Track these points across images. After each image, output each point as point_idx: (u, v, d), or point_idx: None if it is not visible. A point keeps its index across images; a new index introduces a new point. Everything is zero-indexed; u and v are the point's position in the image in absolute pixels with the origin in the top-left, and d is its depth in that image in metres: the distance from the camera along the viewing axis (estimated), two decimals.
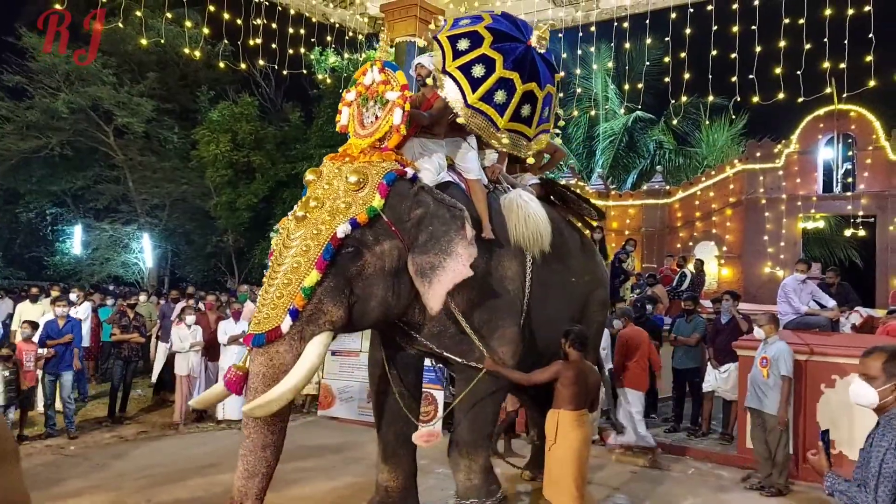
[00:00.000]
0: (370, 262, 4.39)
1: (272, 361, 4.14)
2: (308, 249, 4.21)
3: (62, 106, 18.71)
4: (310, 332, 4.21)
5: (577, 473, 4.92)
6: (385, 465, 5.30)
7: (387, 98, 4.72)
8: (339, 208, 4.34)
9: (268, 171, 17.54)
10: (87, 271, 21.48)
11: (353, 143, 4.83)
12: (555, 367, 5.03)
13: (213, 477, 6.86)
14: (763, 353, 7.04)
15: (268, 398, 4.01)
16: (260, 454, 4.18)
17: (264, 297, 4.25)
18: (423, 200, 4.62)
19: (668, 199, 18.50)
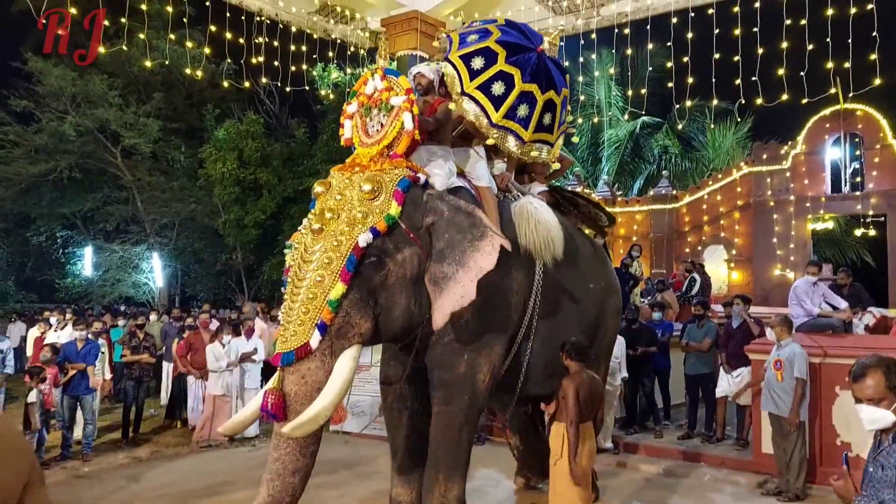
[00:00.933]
0: (393, 270, 4.33)
1: (304, 379, 4.03)
2: (330, 262, 4.12)
3: (70, 129, 18.86)
4: (339, 346, 4.12)
5: (583, 488, 4.87)
6: (398, 479, 5.21)
7: (391, 104, 4.64)
8: (357, 218, 4.25)
9: (275, 188, 17.61)
10: (98, 293, 21.58)
11: (360, 152, 4.76)
12: (570, 389, 4.88)
13: (227, 495, 6.86)
14: (776, 355, 6.99)
15: (305, 418, 3.90)
16: (289, 479, 4.01)
17: (289, 313, 4.13)
18: (436, 207, 4.55)
19: (676, 204, 18.43)
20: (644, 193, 20.17)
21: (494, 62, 5.18)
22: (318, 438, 4.16)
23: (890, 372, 2.66)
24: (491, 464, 7.47)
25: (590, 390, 4.99)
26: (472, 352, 4.80)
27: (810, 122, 16.43)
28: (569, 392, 4.87)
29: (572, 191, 7.03)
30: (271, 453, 4.08)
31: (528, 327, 5.21)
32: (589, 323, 5.98)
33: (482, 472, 7.36)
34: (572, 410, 4.84)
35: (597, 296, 6.08)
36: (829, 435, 7.10)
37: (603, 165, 21.78)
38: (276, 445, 4.06)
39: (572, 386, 4.88)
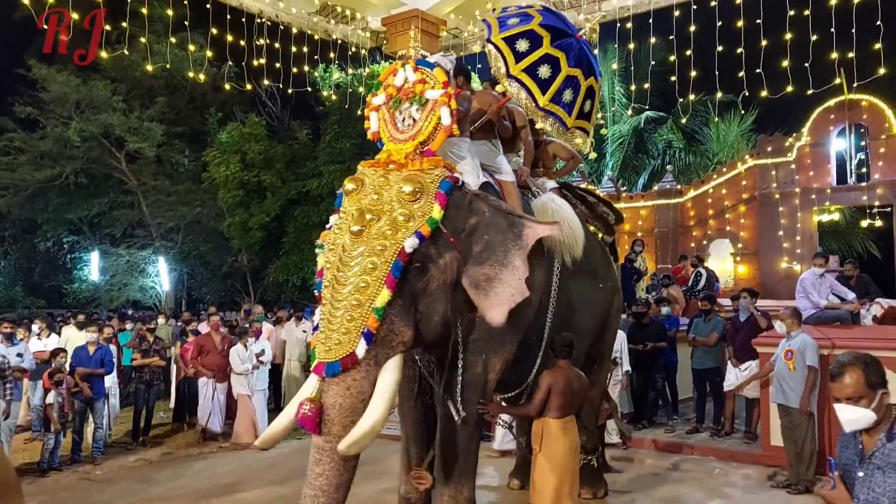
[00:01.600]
0: (434, 276, 4.16)
1: (350, 391, 3.85)
2: (375, 267, 3.93)
3: (74, 134, 18.93)
4: (384, 355, 3.95)
5: (560, 482, 4.85)
6: (409, 478, 5.09)
7: (426, 97, 4.40)
8: (399, 221, 4.05)
9: (278, 190, 17.62)
10: (105, 297, 21.67)
11: (390, 148, 4.51)
12: (546, 382, 4.93)
13: (236, 495, 6.88)
14: (787, 346, 6.99)
15: (360, 433, 3.72)
16: (333, 495, 3.84)
17: (331, 320, 3.92)
18: (478, 208, 4.41)
19: (680, 199, 18.37)
20: (648, 188, 20.12)
21: (540, 45, 5.07)
22: (360, 453, 3.94)
23: (868, 369, 2.58)
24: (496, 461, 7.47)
25: (572, 386, 4.98)
26: (490, 352, 4.73)
27: (815, 114, 16.36)
28: (542, 384, 4.91)
29: (582, 188, 6.99)
30: (312, 468, 3.88)
31: (547, 327, 5.19)
32: (597, 322, 5.98)
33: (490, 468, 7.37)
34: (537, 398, 4.89)
35: (605, 295, 6.08)
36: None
37: (607, 161, 21.73)
38: (319, 461, 3.87)
39: (550, 379, 4.91)
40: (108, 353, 8.86)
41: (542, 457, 4.87)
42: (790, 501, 6.59)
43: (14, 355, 7.63)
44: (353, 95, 14.08)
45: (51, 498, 7.00)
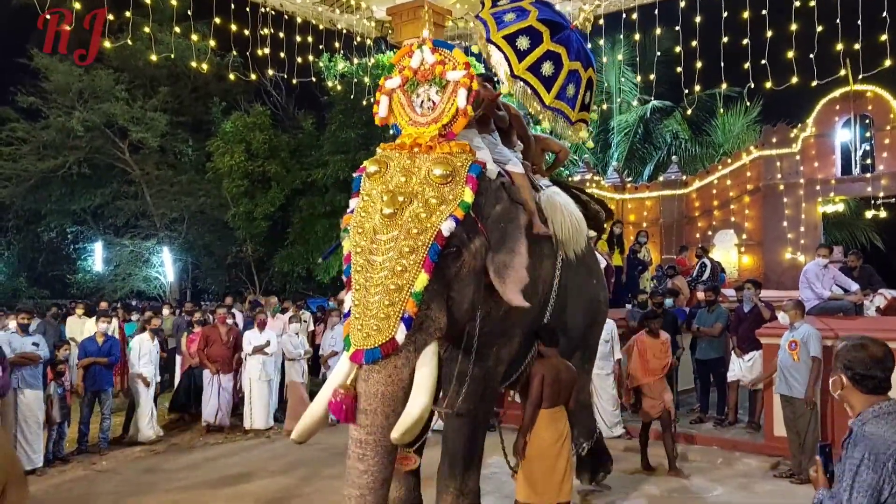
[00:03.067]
0: (467, 261, 4.07)
1: (391, 378, 3.71)
2: (412, 250, 3.80)
3: (77, 124, 18.92)
4: (422, 341, 3.83)
5: (548, 472, 4.88)
6: None
7: (447, 79, 4.28)
8: (432, 204, 3.94)
9: (283, 180, 17.61)
10: (109, 287, 21.69)
11: (410, 131, 4.35)
12: (538, 372, 4.97)
13: (242, 487, 6.92)
14: (791, 336, 7.01)
15: (410, 421, 3.59)
16: (380, 492, 3.71)
17: (366, 305, 3.78)
18: (502, 196, 4.36)
19: (685, 190, 18.33)
20: (654, 179, 20.08)
21: (541, 41, 5.01)
22: (397, 447, 3.84)
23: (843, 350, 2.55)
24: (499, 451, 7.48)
25: (560, 376, 5.00)
26: (499, 345, 4.72)
27: (820, 105, 16.29)
28: (535, 377, 4.95)
29: (574, 185, 6.99)
30: (355, 465, 3.70)
31: (547, 319, 5.20)
32: (591, 316, 6.02)
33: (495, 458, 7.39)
34: (535, 392, 4.92)
35: (597, 289, 6.12)
36: (842, 417, 7.07)
37: (612, 152, 21.67)
38: (362, 456, 3.69)
39: (541, 370, 4.95)
40: (116, 344, 8.89)
41: (529, 447, 4.90)
42: (792, 491, 6.61)
43: (30, 345, 7.64)
44: (358, 85, 14.04)
45: (56, 489, 7.04)
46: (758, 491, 6.65)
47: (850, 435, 2.46)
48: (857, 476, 2.30)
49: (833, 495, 2.46)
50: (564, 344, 5.32)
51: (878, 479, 2.27)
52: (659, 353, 7.17)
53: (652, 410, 7.12)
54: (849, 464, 2.35)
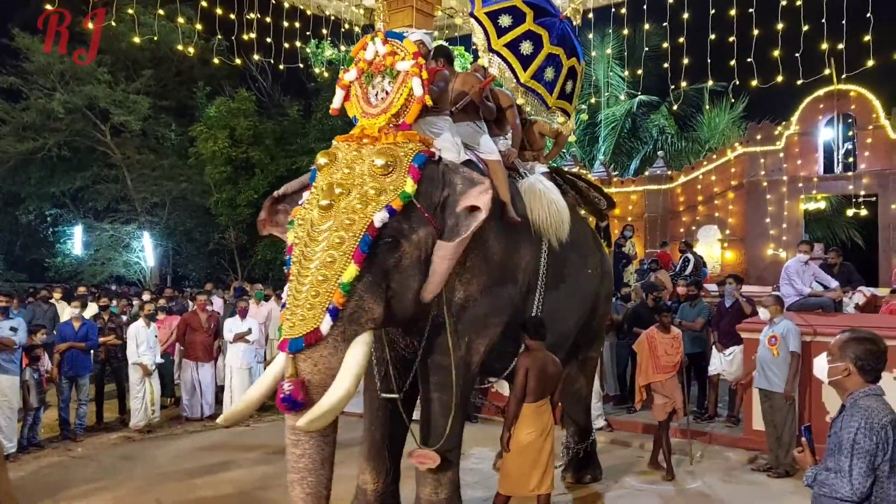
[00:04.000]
0: (407, 252, 4.06)
1: (317, 367, 3.77)
2: (342, 241, 3.84)
3: (58, 106, 18.66)
4: (352, 331, 3.86)
5: (532, 465, 4.87)
6: (368, 465, 4.98)
7: (397, 69, 4.31)
8: (370, 195, 3.96)
9: (267, 167, 17.46)
10: (88, 272, 21.43)
11: (363, 123, 4.41)
12: (523, 365, 4.90)
13: (221, 475, 6.88)
14: (771, 332, 7.09)
15: (322, 409, 3.65)
16: (320, 472, 3.80)
17: (296, 296, 3.84)
18: (450, 180, 4.30)
19: (671, 185, 18.44)
20: (640, 174, 20.16)
21: (523, 21, 5.02)
22: (336, 426, 3.93)
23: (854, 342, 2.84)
24: (483, 442, 7.51)
25: (547, 370, 4.97)
26: (473, 333, 4.66)
27: (804, 103, 16.43)
28: (520, 369, 4.90)
29: (573, 172, 6.97)
30: (292, 451, 3.82)
31: (535, 309, 5.15)
32: (587, 307, 5.95)
33: (476, 450, 7.42)
34: (520, 385, 4.87)
35: (595, 280, 6.06)
36: (819, 412, 7.16)
37: (599, 145, 21.73)
38: (296, 442, 3.81)
39: (526, 363, 4.90)
40: (93, 328, 8.78)
41: (513, 440, 4.88)
42: (769, 485, 6.69)
43: (7, 329, 7.50)
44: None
45: (32, 476, 6.95)
46: (736, 484, 6.72)
47: (843, 410, 2.73)
48: (856, 444, 2.55)
49: (828, 467, 2.67)
50: (557, 336, 5.27)
51: (874, 446, 2.53)
52: (671, 349, 6.93)
53: (663, 409, 6.93)
54: (846, 433, 2.60)
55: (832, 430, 2.73)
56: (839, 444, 2.62)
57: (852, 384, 2.75)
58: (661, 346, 6.95)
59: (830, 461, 2.66)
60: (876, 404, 2.62)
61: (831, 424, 2.77)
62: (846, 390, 2.78)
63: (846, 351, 2.80)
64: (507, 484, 4.98)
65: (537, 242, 5.11)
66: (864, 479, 2.50)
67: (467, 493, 4.97)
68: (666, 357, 6.91)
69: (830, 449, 2.70)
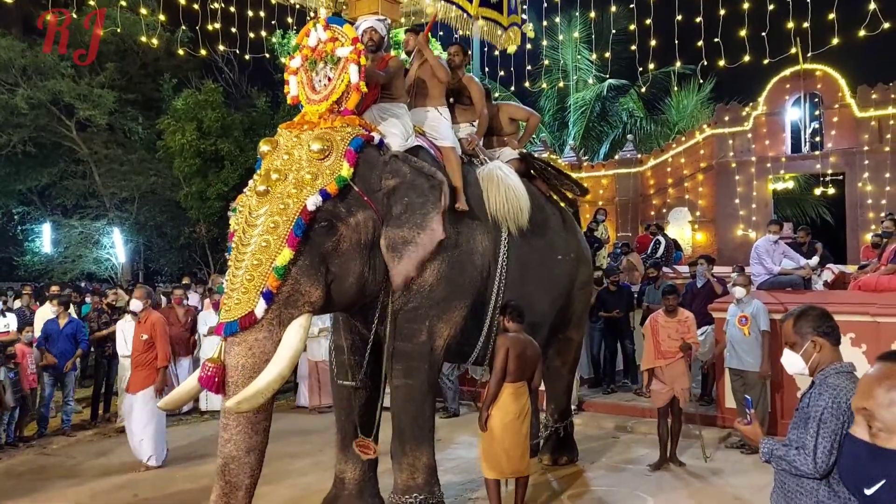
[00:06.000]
0: (345, 235, 4.12)
1: (251, 350, 3.83)
2: (276, 226, 3.90)
3: (21, 101, 18.21)
4: (288, 315, 3.92)
5: (510, 447, 4.88)
6: (342, 455, 5.04)
7: (337, 56, 4.36)
8: (305, 179, 4.02)
9: (237, 159, 17.27)
10: (59, 269, 21.06)
11: (307, 110, 4.47)
12: (503, 346, 4.90)
13: (198, 468, 6.82)
14: (740, 311, 7.17)
15: (253, 390, 3.69)
16: (244, 460, 3.82)
17: (232, 281, 3.91)
18: (398, 169, 4.36)
19: (640, 168, 18.57)
20: (610, 158, 20.27)
21: None
22: (270, 414, 3.97)
23: (801, 317, 2.79)
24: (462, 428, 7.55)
25: (526, 352, 4.99)
26: (434, 318, 4.70)
27: (771, 83, 16.61)
28: (500, 350, 4.89)
29: (543, 159, 6.98)
30: (221, 435, 3.86)
31: (495, 295, 5.16)
32: (559, 293, 5.97)
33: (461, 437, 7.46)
34: (500, 365, 4.87)
35: (567, 266, 6.06)
36: (790, 389, 7.29)
37: (569, 130, 21.79)
38: (226, 426, 3.84)
39: (505, 344, 4.90)
40: (80, 326, 8.65)
41: (491, 421, 4.88)
42: (742, 461, 6.80)
43: None
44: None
45: (6, 474, 6.85)
46: (711, 461, 6.81)
47: (812, 387, 2.70)
48: (822, 423, 2.53)
49: (790, 442, 2.66)
50: (530, 320, 5.28)
51: (839, 425, 2.50)
52: (675, 334, 6.58)
53: (660, 396, 6.62)
54: (813, 411, 2.58)
55: (800, 405, 2.73)
56: (805, 419, 2.62)
57: (825, 358, 2.71)
58: (664, 330, 6.64)
59: (793, 434, 2.68)
60: (845, 383, 2.59)
61: (800, 398, 2.76)
62: (819, 365, 2.75)
63: (802, 330, 2.76)
64: (494, 467, 4.96)
65: (495, 231, 5.13)
66: (827, 457, 2.50)
67: (447, 477, 4.99)
68: (668, 342, 6.59)
69: (795, 423, 2.71)
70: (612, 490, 6.03)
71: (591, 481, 6.30)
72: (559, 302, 6.03)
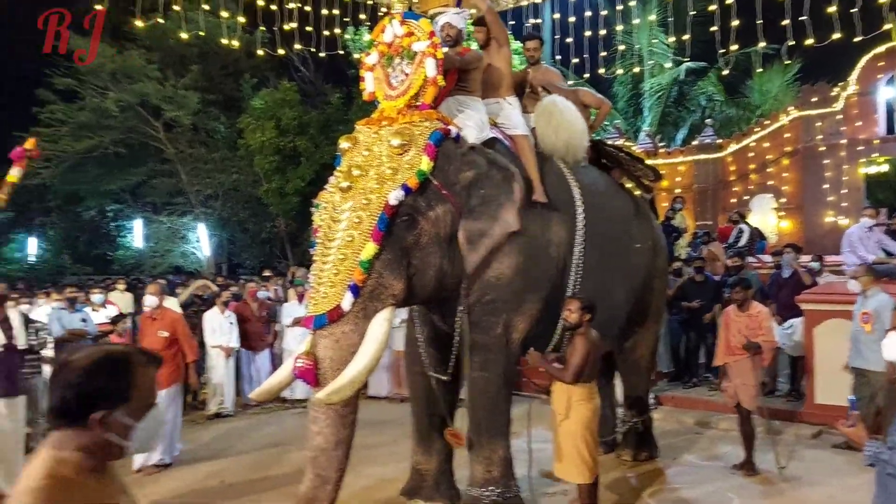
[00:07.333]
0: (426, 229, 4.16)
1: (339, 343, 3.89)
2: (360, 221, 3.96)
3: (112, 105, 19.17)
4: (373, 308, 3.97)
5: (588, 447, 4.71)
6: (419, 447, 5.08)
7: (414, 50, 4.37)
8: (386, 174, 4.07)
9: (312, 155, 17.68)
10: (149, 263, 22.22)
11: (385, 106, 4.52)
12: (585, 348, 4.62)
13: (283, 456, 7.02)
14: (863, 307, 6.54)
15: (341, 383, 3.74)
16: (332, 453, 3.88)
17: (319, 275, 3.99)
18: (474, 161, 4.35)
19: (721, 153, 17.90)
20: (688, 143, 19.66)
21: None
22: (356, 407, 4.02)
23: None
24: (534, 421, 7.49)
25: (599, 351, 4.84)
26: (510, 311, 4.66)
27: (862, 61, 15.72)
28: (580, 347, 4.62)
29: (614, 145, 6.85)
30: (311, 428, 3.93)
31: (571, 287, 5.08)
32: (636, 284, 5.84)
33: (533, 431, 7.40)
34: (578, 366, 4.60)
35: (644, 256, 5.94)
36: None
37: (644, 116, 21.25)
38: (315, 419, 3.91)
39: (586, 342, 4.66)
40: None
41: (569, 423, 4.70)
42: (832, 459, 6.52)
43: (78, 321, 7.76)
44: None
45: None
46: (799, 461, 6.54)
47: None
48: None
49: (894, 444, 2.57)
50: (606, 313, 5.15)
51: None
52: (745, 329, 6.17)
53: (730, 395, 6.31)
54: None
55: None
56: None
57: None
58: (734, 325, 6.26)
59: None
60: None
61: None
62: None
63: None
64: (585, 469, 4.71)
65: (570, 221, 5.03)
66: None
67: (520, 471, 4.96)
68: (738, 338, 6.19)
69: None
70: (695, 488, 5.87)
71: (673, 478, 6.16)
72: (636, 292, 5.91)
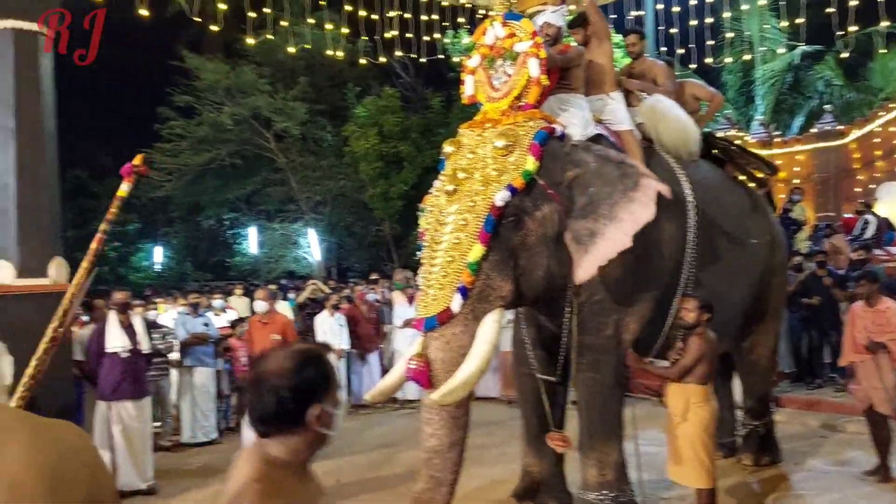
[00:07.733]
0: (532, 230, 4.12)
1: (450, 345, 3.89)
2: (467, 223, 3.96)
3: (227, 119, 20.24)
4: (482, 309, 3.96)
5: (707, 451, 4.52)
6: (529, 449, 5.05)
7: (516, 51, 4.36)
8: (491, 176, 4.06)
9: (415, 160, 18.02)
10: (264, 269, 23.35)
11: (487, 108, 4.51)
12: (699, 348, 4.48)
13: (395, 456, 7.17)
14: None
15: (454, 384, 3.74)
16: (447, 455, 3.89)
17: (428, 278, 4.01)
18: (580, 159, 4.27)
19: (842, 140, 16.80)
20: (805, 131, 18.60)
21: None
22: (469, 409, 4.02)
23: None
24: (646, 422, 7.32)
25: (714, 352, 4.63)
26: (621, 311, 4.58)
27: None
28: (694, 347, 4.48)
29: (725, 139, 6.60)
30: (424, 429, 3.95)
31: (683, 286, 4.93)
32: (753, 281, 5.62)
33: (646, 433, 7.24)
34: (688, 365, 4.47)
35: (761, 252, 5.70)
36: None
37: (756, 105, 20.27)
38: (429, 420, 3.92)
39: (703, 346, 4.49)
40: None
41: (687, 426, 4.55)
42: None
43: (201, 325, 8.27)
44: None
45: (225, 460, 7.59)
46: None
47: None
48: None
49: None
50: (721, 312, 4.91)
51: None
52: (871, 326, 5.76)
53: (861, 397, 5.93)
54: None
55: None
56: None
57: None
58: (860, 321, 5.88)
59: None
60: None
61: None
62: None
63: None
64: (704, 473, 4.55)
65: (680, 217, 4.87)
66: None
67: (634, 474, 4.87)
68: (863, 335, 5.81)
69: None
70: (822, 495, 5.58)
71: (797, 484, 5.87)
72: (753, 290, 5.68)
